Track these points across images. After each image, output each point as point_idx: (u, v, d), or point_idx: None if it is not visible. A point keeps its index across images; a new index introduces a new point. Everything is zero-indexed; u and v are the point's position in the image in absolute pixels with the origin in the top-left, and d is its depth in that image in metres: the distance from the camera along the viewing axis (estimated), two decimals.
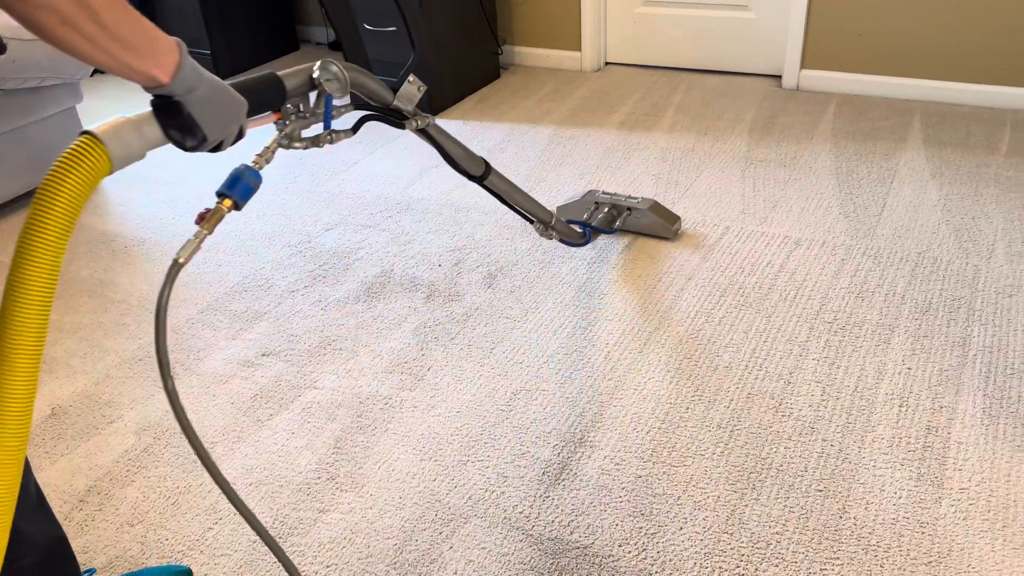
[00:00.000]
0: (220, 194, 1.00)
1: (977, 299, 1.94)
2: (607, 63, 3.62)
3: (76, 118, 2.75)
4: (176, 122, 0.89)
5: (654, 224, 2.22)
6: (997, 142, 2.68)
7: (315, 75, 1.15)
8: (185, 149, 0.92)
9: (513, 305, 2.05)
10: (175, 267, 0.91)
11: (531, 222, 1.85)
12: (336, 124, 1.20)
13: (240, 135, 1.00)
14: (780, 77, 3.29)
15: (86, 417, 1.78)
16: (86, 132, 0.82)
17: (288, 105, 1.13)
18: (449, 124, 3.13)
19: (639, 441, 1.61)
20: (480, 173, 1.65)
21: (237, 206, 1.01)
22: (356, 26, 3.15)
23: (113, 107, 3.54)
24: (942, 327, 1.86)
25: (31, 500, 1.13)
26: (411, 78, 1.37)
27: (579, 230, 2.11)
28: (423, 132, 1.47)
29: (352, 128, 1.29)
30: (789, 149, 2.74)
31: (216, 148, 0.97)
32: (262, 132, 1.14)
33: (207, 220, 0.98)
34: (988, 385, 1.68)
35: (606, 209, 2.23)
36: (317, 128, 1.19)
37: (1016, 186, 2.41)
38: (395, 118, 1.39)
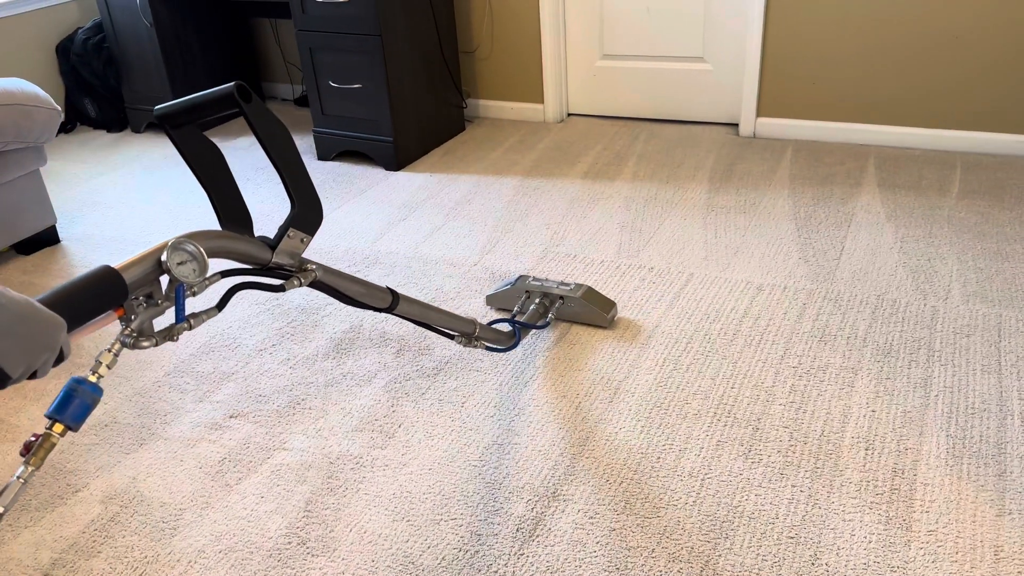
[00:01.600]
0: (50, 417, 0.87)
1: (936, 340, 1.99)
2: (569, 114, 3.70)
3: (40, 180, 2.74)
4: None
5: (588, 313, 2.10)
6: (949, 184, 2.77)
7: (163, 259, 1.01)
8: None
9: (483, 358, 2.05)
10: None
11: (452, 338, 1.72)
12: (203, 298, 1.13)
13: (60, 358, 0.84)
14: (737, 125, 3.38)
15: (51, 487, 1.74)
16: None
17: (133, 298, 0.99)
18: (415, 177, 3.16)
19: (612, 493, 1.61)
20: (387, 304, 1.51)
21: (71, 429, 0.88)
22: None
23: (80, 168, 3.52)
24: (904, 369, 1.90)
25: None
26: (291, 231, 1.21)
27: (507, 329, 1.94)
28: (314, 285, 1.33)
29: (218, 305, 1.16)
30: (748, 196, 2.80)
31: (31, 376, 0.81)
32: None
33: (34, 453, 0.85)
34: (951, 425, 1.72)
35: (537, 300, 2.11)
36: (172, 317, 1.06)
37: (968, 227, 2.49)
38: (276, 277, 1.24)
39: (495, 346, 1.87)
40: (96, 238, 2.86)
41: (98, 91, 3.90)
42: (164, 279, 1.05)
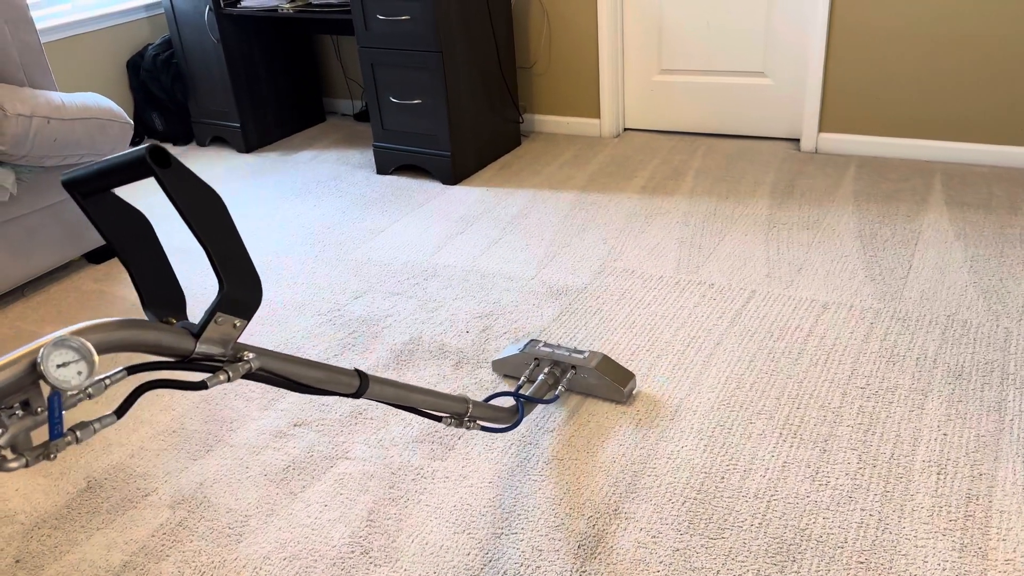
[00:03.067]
0: None
1: (1010, 362, 1.93)
2: (626, 129, 3.69)
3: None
4: None
5: (603, 386, 1.90)
6: (1020, 202, 2.69)
7: (38, 361, 0.83)
8: None
9: None
10: None
11: (439, 420, 1.52)
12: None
13: None
14: (798, 140, 3.34)
15: (121, 490, 1.79)
16: None
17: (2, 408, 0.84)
18: (472, 191, 3.19)
19: (675, 512, 1.59)
20: (353, 389, 1.31)
21: None
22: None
23: (147, 180, 3.63)
24: (976, 392, 1.84)
25: None
26: (219, 316, 1.03)
27: (509, 405, 1.76)
28: (253, 376, 1.14)
29: (117, 411, 0.95)
30: (811, 212, 2.76)
31: None
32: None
33: None
34: None
35: (546, 368, 1.91)
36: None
37: None
38: (202, 370, 1.06)
39: (493, 426, 1.67)
40: (165, 248, 2.94)
41: (166, 105, 4.02)
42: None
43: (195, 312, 2.50)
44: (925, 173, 2.96)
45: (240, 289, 1.04)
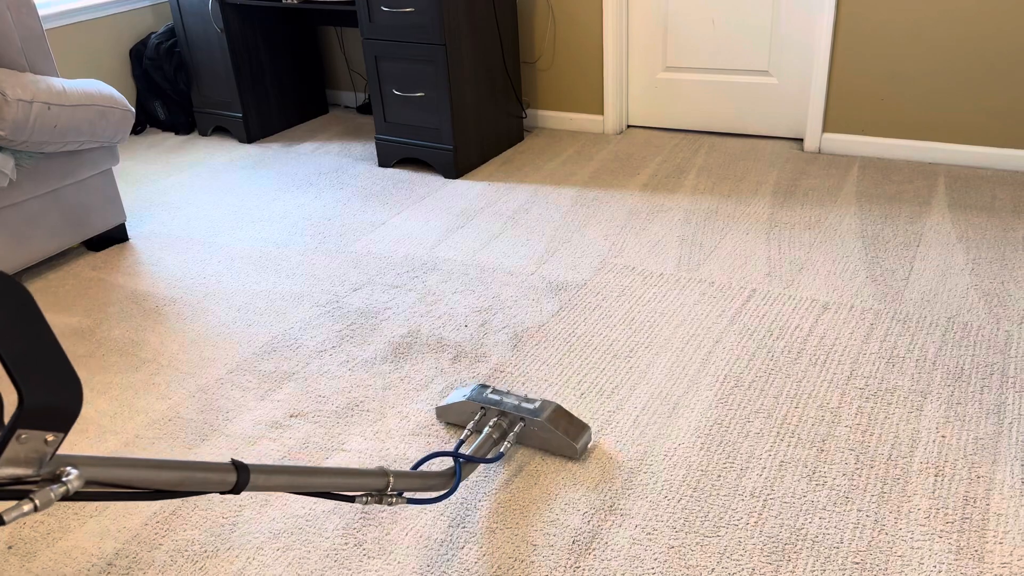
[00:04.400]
0: None
1: (1010, 366, 1.92)
2: (629, 126, 3.68)
3: (112, 179, 2.82)
4: None
5: (553, 440, 1.72)
6: (1023, 206, 2.68)
7: None
8: None
9: (539, 367, 2.05)
10: None
11: (351, 501, 1.34)
12: None
13: None
14: (802, 140, 3.33)
15: None
16: None
17: None
18: (474, 186, 3.18)
19: (671, 510, 1.59)
20: (229, 486, 1.12)
21: None
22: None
23: (148, 169, 3.62)
24: (975, 394, 1.83)
25: None
26: (22, 433, 0.87)
27: (444, 469, 1.55)
28: (82, 497, 0.98)
29: None
30: (813, 212, 2.75)
31: None
32: None
33: None
34: None
35: (493, 420, 1.73)
36: None
37: None
38: (6, 497, 0.90)
39: (423, 497, 1.54)
40: (163, 237, 2.93)
41: (168, 94, 4.01)
42: None
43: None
44: (928, 175, 2.95)
45: (47, 397, 0.89)
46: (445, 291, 2.44)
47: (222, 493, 1.12)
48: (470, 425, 1.74)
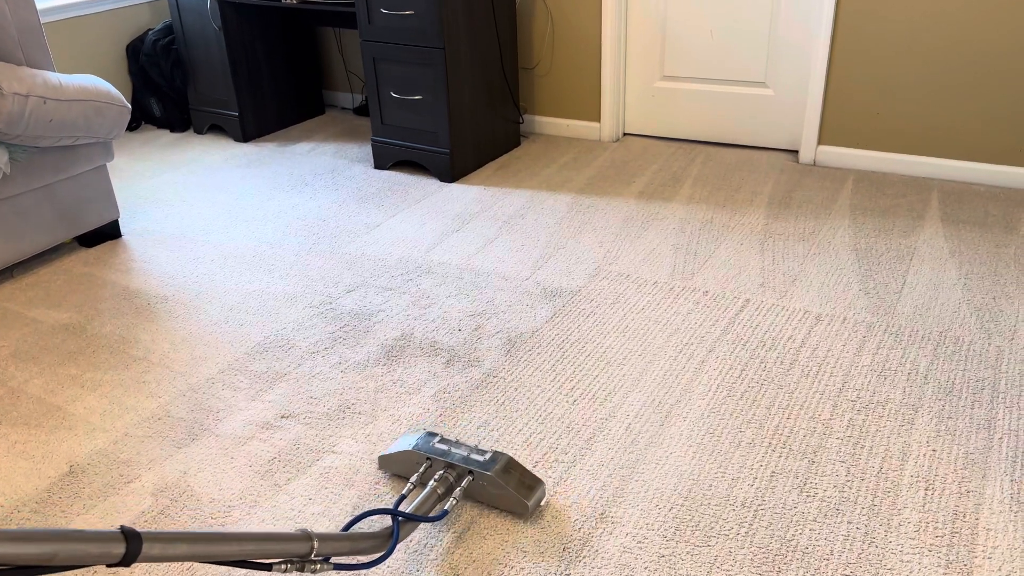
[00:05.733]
0: None
1: (1001, 381, 1.93)
2: (625, 134, 3.69)
3: (106, 175, 2.81)
4: None
5: (503, 496, 1.59)
6: (1015, 222, 2.69)
7: None
8: None
9: (532, 373, 2.04)
10: None
11: (267, 569, 1.19)
12: None
13: None
14: (797, 152, 3.34)
15: (104, 476, 1.77)
16: None
17: None
18: (470, 190, 3.17)
19: (662, 518, 1.58)
20: (117, 559, 0.97)
21: None
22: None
23: (143, 166, 3.61)
24: (966, 409, 1.84)
25: None
26: None
27: (379, 531, 1.41)
28: None
29: None
30: (808, 224, 2.76)
31: None
32: None
33: None
34: (1015, 470, 1.66)
35: (439, 472, 1.59)
36: None
37: None
38: None
39: (352, 562, 1.41)
40: (157, 234, 2.92)
41: (164, 91, 4.00)
42: None
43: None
44: (922, 189, 2.97)
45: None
46: (439, 295, 2.43)
47: (109, 566, 0.98)
48: (414, 477, 1.60)
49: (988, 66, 2.85)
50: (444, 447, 1.64)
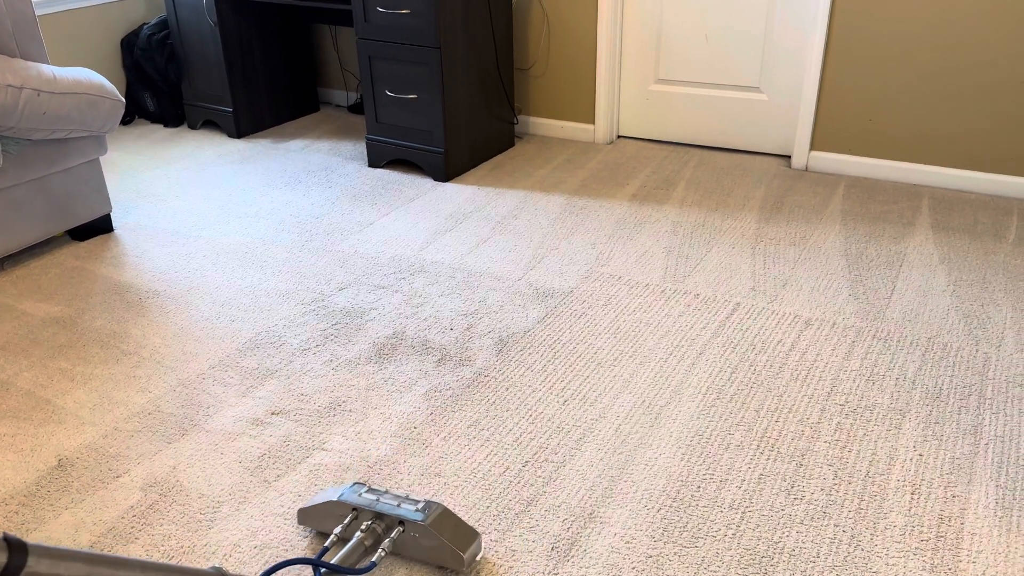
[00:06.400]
0: None
1: (988, 387, 1.94)
2: (619, 136, 3.70)
3: (99, 169, 2.80)
4: None
5: (437, 548, 1.46)
6: (1004, 231, 2.72)
7: None
8: None
9: (523, 373, 2.05)
10: None
11: None
12: None
13: None
14: (789, 157, 3.36)
15: (92, 470, 1.77)
16: None
17: None
18: (463, 189, 3.18)
19: (650, 519, 1.59)
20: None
21: None
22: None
23: (136, 160, 3.60)
24: (953, 414, 1.86)
25: None
26: None
27: None
28: None
29: None
30: (799, 228, 2.78)
31: None
32: None
33: None
34: (1001, 476, 1.67)
35: (366, 523, 1.47)
36: None
37: None
38: None
39: None
40: (149, 229, 2.91)
41: (158, 86, 3.99)
42: None
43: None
44: (913, 196, 2.99)
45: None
46: (431, 294, 2.44)
47: None
48: (337, 530, 1.48)
49: (980, 75, 2.87)
50: (372, 497, 1.51)
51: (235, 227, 2.92)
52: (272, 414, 1.93)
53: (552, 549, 1.53)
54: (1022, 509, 1.59)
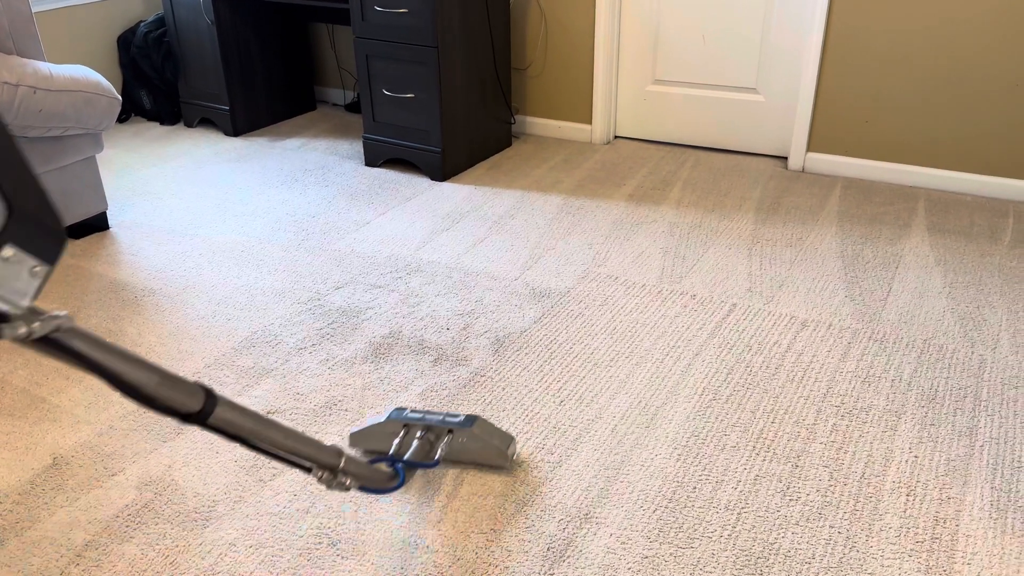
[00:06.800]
0: None
1: (983, 389, 1.95)
2: (616, 136, 3.70)
3: (95, 167, 2.79)
4: None
5: (484, 449, 1.69)
6: (1000, 233, 2.72)
7: None
8: None
9: (519, 373, 2.05)
10: None
11: (308, 471, 1.32)
12: None
13: None
14: (786, 158, 3.36)
15: (87, 469, 1.76)
16: None
17: None
18: (460, 189, 3.18)
19: (646, 520, 1.59)
20: (196, 407, 1.03)
21: None
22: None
23: (132, 158, 3.59)
24: (949, 416, 1.86)
25: None
26: (9, 251, 0.71)
27: (388, 469, 1.57)
28: (45, 343, 0.84)
29: None
30: (795, 230, 2.78)
31: None
32: None
33: None
34: (996, 478, 1.68)
35: (419, 433, 1.68)
36: None
37: (1020, 277, 2.44)
38: None
39: (371, 486, 1.48)
40: (145, 227, 2.91)
41: (155, 84, 3.98)
42: None
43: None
44: (909, 198, 3.00)
45: (34, 210, 0.71)
46: (428, 293, 2.44)
47: (183, 420, 1.01)
48: (394, 444, 1.64)
49: (976, 78, 2.88)
50: (417, 415, 1.72)
51: (231, 225, 2.92)
52: (268, 413, 1.93)
53: (548, 550, 1.53)
54: (1017, 511, 1.59)
